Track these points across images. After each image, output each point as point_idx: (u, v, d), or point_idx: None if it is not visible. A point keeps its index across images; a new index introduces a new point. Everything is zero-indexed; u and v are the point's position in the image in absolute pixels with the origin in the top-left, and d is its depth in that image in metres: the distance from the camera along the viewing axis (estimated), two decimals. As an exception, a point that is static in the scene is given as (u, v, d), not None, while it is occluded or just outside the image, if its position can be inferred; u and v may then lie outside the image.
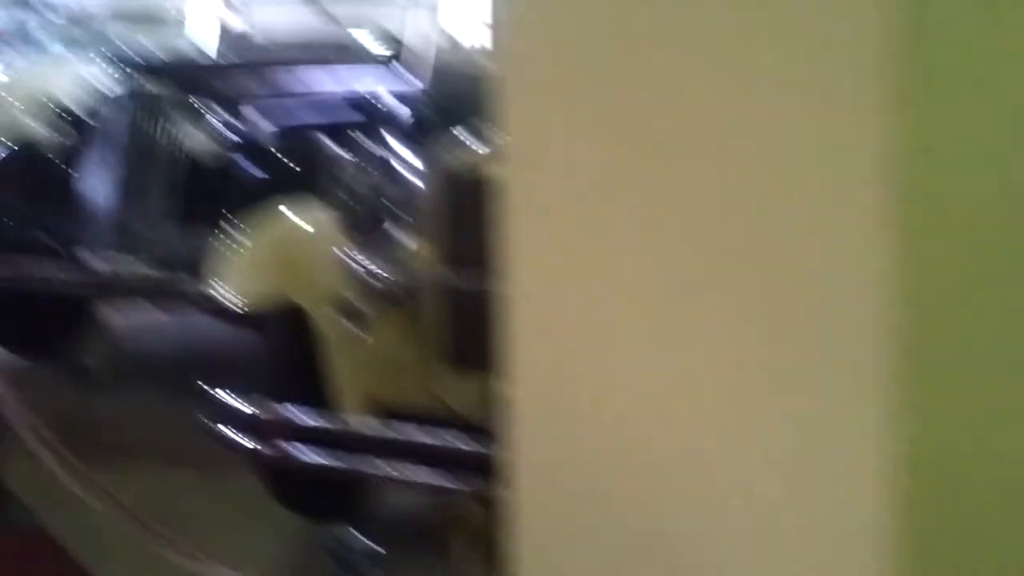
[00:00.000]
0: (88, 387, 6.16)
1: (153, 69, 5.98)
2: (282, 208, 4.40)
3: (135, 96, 5.79)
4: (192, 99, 5.76)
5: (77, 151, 6.08)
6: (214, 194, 5.68)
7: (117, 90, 5.87)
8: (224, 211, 5.52)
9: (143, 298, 5.97)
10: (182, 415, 5.60)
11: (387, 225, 4.07)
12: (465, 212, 3.95)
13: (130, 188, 5.76)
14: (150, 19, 9.65)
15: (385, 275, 4.04)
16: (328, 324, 4.00)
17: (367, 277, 4.05)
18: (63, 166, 6.11)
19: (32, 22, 9.78)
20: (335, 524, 4.11)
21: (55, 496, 4.43)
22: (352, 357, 4.02)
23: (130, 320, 6.75)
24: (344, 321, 3.98)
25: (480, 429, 3.84)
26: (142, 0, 11.52)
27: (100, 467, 4.46)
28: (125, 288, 5.67)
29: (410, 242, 4.07)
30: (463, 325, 4.01)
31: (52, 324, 6.40)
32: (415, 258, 4.14)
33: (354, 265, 4.06)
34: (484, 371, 4.00)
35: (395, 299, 4.09)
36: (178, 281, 5.50)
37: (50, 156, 6.11)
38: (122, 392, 6.15)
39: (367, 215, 4.09)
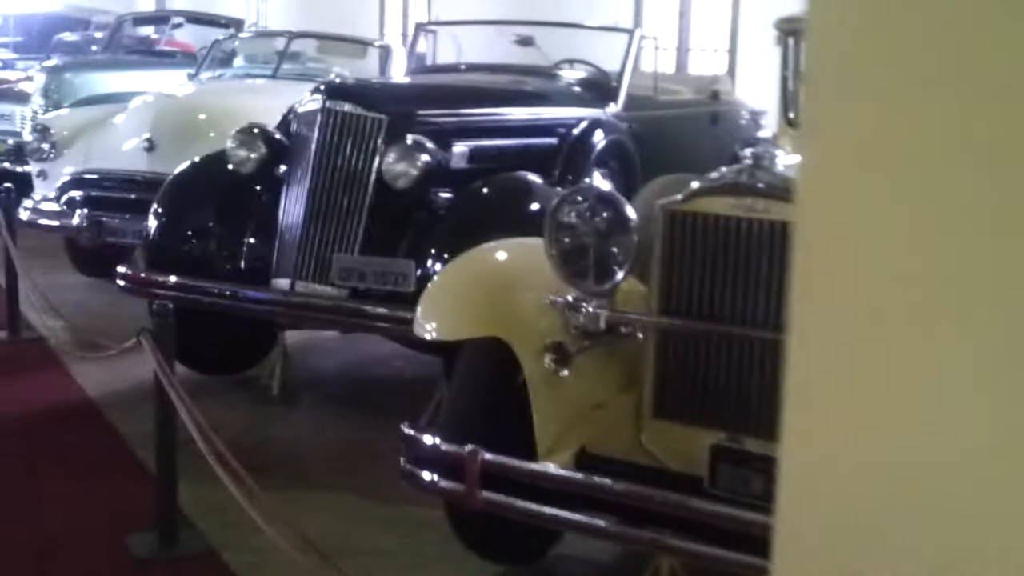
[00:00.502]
0: (267, 406, 6.03)
1: (347, 90, 5.83)
2: (494, 242, 4.20)
3: (329, 116, 5.64)
4: (389, 121, 5.59)
5: (270, 171, 5.96)
6: (411, 222, 5.52)
7: (313, 110, 5.72)
8: (422, 240, 5.36)
9: (333, 325, 5.80)
10: (364, 439, 5.55)
11: (600, 262, 3.82)
12: (685, 252, 3.74)
13: (320, 210, 5.61)
14: (346, 44, 9.71)
15: (595, 314, 3.81)
16: (532, 362, 3.77)
17: (577, 315, 3.82)
18: (255, 185, 5.98)
19: (219, 40, 9.91)
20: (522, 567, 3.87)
21: (231, 521, 4.29)
22: (555, 398, 3.79)
23: (305, 338, 6.64)
24: (549, 360, 3.75)
25: (685, 482, 3.63)
26: (338, 23, 11.67)
27: (279, 492, 4.31)
28: (317, 314, 5.50)
29: (624, 281, 3.83)
30: (676, 372, 3.79)
31: (235, 343, 6.30)
32: (629, 299, 3.91)
33: (564, 303, 3.83)
34: (694, 421, 3.82)
35: (605, 341, 3.86)
36: (369, 307, 5.34)
37: (242, 173, 5.97)
38: (301, 413, 6.03)
39: (579, 252, 3.85)
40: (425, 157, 5.55)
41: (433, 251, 5.36)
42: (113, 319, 7.01)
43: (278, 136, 6.01)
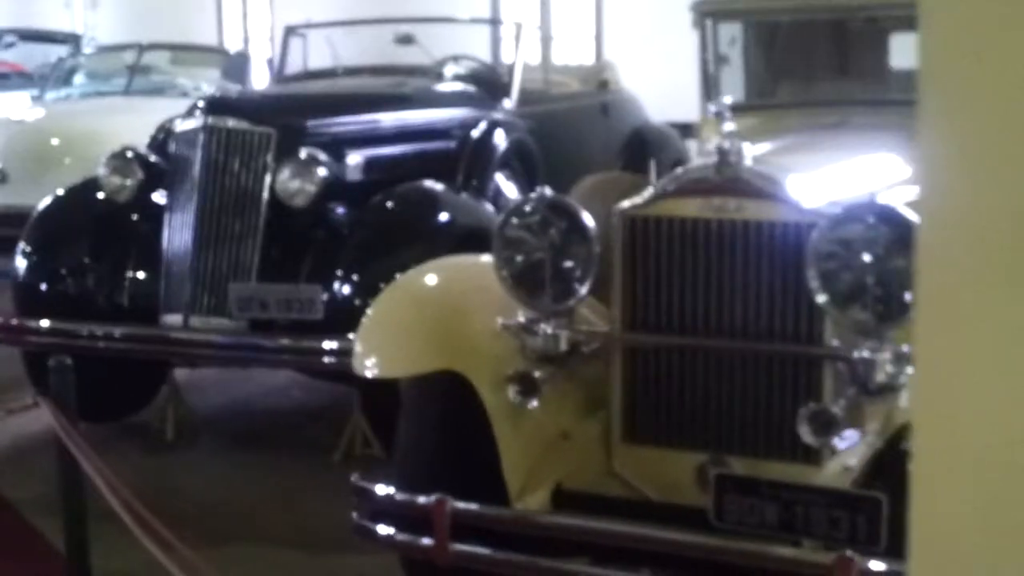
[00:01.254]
0: (165, 453, 5.53)
1: (230, 104, 5.37)
2: (431, 262, 3.81)
3: (212, 133, 5.17)
4: (278, 135, 5.14)
5: (147, 197, 5.46)
6: (311, 242, 5.09)
7: (194, 128, 5.24)
8: (326, 262, 4.94)
9: (236, 362, 5.34)
10: (278, 482, 5.11)
11: (557, 278, 3.46)
12: (650, 261, 3.41)
13: (210, 236, 5.14)
14: (200, 53, 9.16)
15: (555, 335, 3.45)
16: (493, 395, 3.40)
17: (534, 338, 3.46)
18: (132, 214, 5.47)
19: (63, 57, 9.27)
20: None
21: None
22: (521, 433, 3.43)
23: (197, 376, 6.13)
24: (514, 392, 3.37)
25: (674, 513, 3.31)
26: (175, 32, 11.05)
27: (192, 543, 3.86)
28: (217, 351, 5.03)
29: (585, 297, 3.48)
30: (647, 391, 3.45)
31: (118, 385, 5.76)
32: (592, 317, 3.56)
33: (519, 325, 3.46)
34: (670, 444, 3.50)
35: (570, 365, 3.51)
36: (277, 341, 4.90)
37: (117, 202, 5.46)
38: (204, 457, 5.54)
39: (533, 269, 3.48)
40: (322, 171, 5.13)
41: (341, 273, 4.95)
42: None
43: (153, 159, 5.50)
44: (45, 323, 5.25)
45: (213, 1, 14.75)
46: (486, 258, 3.76)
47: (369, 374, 3.54)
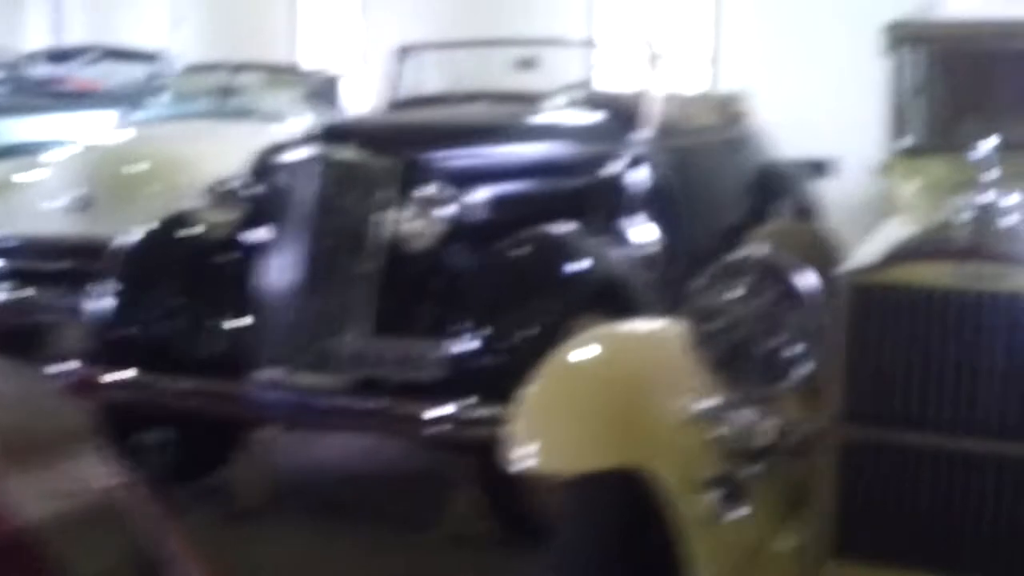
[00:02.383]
0: (248, 523, 4.91)
1: (348, 132, 4.77)
2: (601, 329, 3.18)
3: (328, 165, 4.58)
4: (406, 170, 4.55)
5: (244, 232, 4.88)
6: (429, 291, 4.47)
7: (307, 158, 4.65)
8: (447, 314, 4.33)
9: (348, 428, 4.73)
10: (382, 562, 4.48)
11: (769, 356, 2.81)
12: (884, 337, 2.75)
13: (319, 281, 4.55)
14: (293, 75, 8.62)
15: (765, 430, 2.80)
16: (686, 501, 2.75)
17: (740, 434, 2.80)
18: (228, 253, 4.89)
19: (153, 75, 8.75)
20: None
21: None
22: (715, 546, 2.77)
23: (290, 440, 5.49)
24: (713, 497, 2.73)
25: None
26: (255, 51, 10.52)
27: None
28: (331, 418, 4.43)
29: (797, 382, 2.81)
30: (870, 496, 2.78)
31: (193, 441, 5.15)
32: (804, 405, 2.90)
33: (722, 417, 2.81)
34: (898, 563, 2.85)
35: (778, 465, 2.85)
36: (406, 408, 4.28)
37: (210, 239, 4.88)
38: (294, 530, 4.90)
39: (737, 344, 2.83)
40: (449, 210, 4.52)
41: (463, 328, 4.33)
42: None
43: (254, 191, 4.92)
44: (130, 373, 4.67)
45: (291, 22, 14.21)
46: (662, 324, 3.14)
47: (528, 467, 2.90)
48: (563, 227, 4.71)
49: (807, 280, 2.79)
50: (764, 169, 6.89)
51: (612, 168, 5.29)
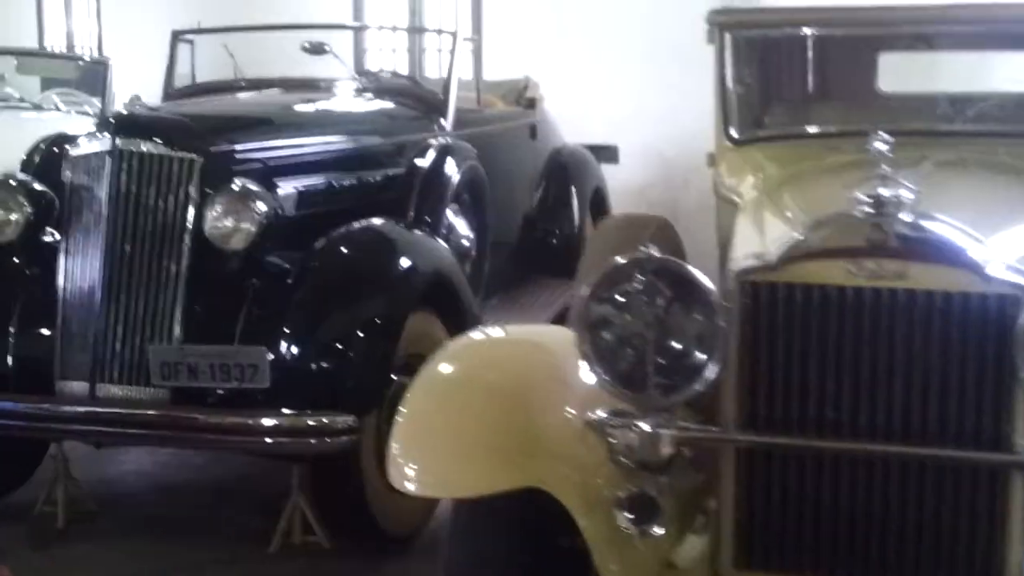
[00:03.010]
0: (56, 546, 4.50)
1: (142, 124, 4.40)
2: (479, 334, 2.98)
3: (122, 159, 4.22)
4: (209, 164, 4.22)
5: (34, 236, 4.47)
6: (246, 293, 4.18)
7: (98, 152, 4.27)
8: (269, 317, 4.06)
9: (163, 442, 4.39)
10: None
11: (669, 364, 2.67)
12: (778, 339, 2.65)
13: (121, 285, 4.20)
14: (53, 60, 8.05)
15: (664, 441, 2.66)
16: (590, 518, 2.60)
17: (640, 446, 2.66)
18: (15, 257, 4.47)
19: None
20: None
21: None
22: (628, 565, 2.63)
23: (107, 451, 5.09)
24: (624, 518, 2.58)
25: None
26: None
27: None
28: (138, 430, 4.08)
29: (699, 389, 2.68)
30: (770, 506, 2.70)
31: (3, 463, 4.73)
32: (707, 412, 2.78)
33: (620, 429, 2.66)
34: (801, 573, 2.76)
35: (672, 474, 2.72)
36: (217, 418, 3.99)
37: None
38: (107, 551, 4.52)
39: (626, 351, 2.68)
40: (261, 207, 4.23)
41: (289, 331, 4.06)
42: None
43: (39, 187, 4.50)
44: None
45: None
46: (546, 331, 2.98)
47: (415, 490, 2.69)
48: (384, 222, 4.48)
49: (703, 280, 2.66)
50: (561, 155, 6.80)
51: (424, 158, 5.08)
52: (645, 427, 2.66)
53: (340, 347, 4.05)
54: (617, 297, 2.67)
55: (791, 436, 2.67)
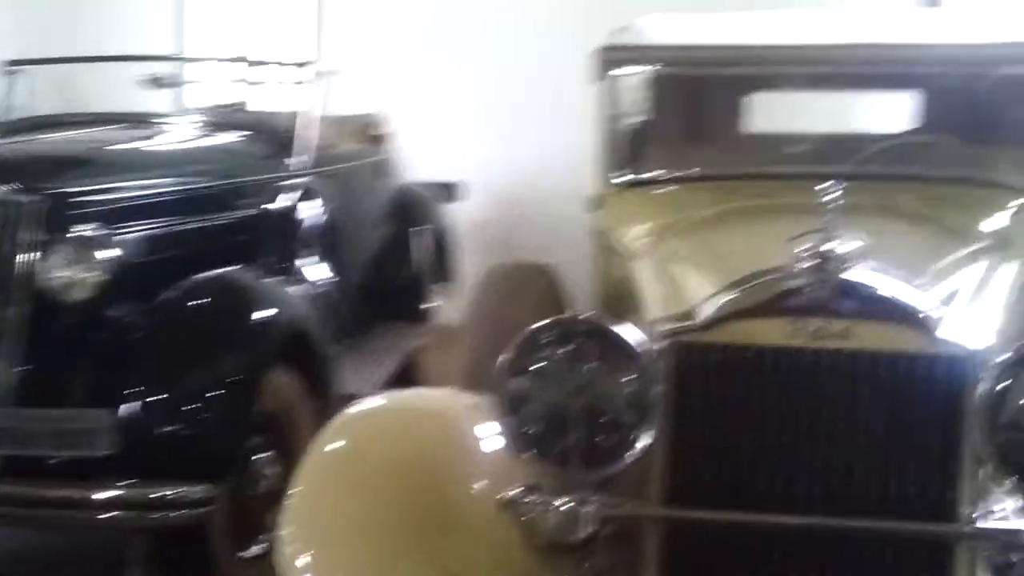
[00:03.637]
0: None
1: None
2: (380, 399, 2.69)
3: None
4: (51, 208, 3.83)
5: None
6: (88, 349, 3.79)
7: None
8: (112, 377, 3.69)
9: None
10: None
11: (584, 434, 2.41)
12: (713, 406, 2.42)
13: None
14: None
15: (586, 519, 2.41)
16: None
17: (559, 526, 2.40)
18: None
19: None
20: None
21: None
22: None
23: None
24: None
25: None
26: None
27: None
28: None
29: (629, 460, 2.43)
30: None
31: None
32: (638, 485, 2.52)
33: (538, 507, 2.39)
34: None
35: (604, 555, 2.46)
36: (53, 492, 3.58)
37: None
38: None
39: (548, 420, 2.41)
40: (105, 254, 3.84)
41: (136, 392, 3.68)
42: None
43: None
44: None
45: None
46: (454, 398, 2.70)
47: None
48: (240, 270, 4.13)
49: (636, 342, 2.41)
50: (403, 194, 6.51)
51: (280, 200, 4.72)
52: (566, 505, 2.40)
53: (191, 409, 3.69)
54: (538, 365, 2.41)
55: (725, 510, 2.43)
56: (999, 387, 2.29)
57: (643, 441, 2.38)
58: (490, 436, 2.58)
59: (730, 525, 2.43)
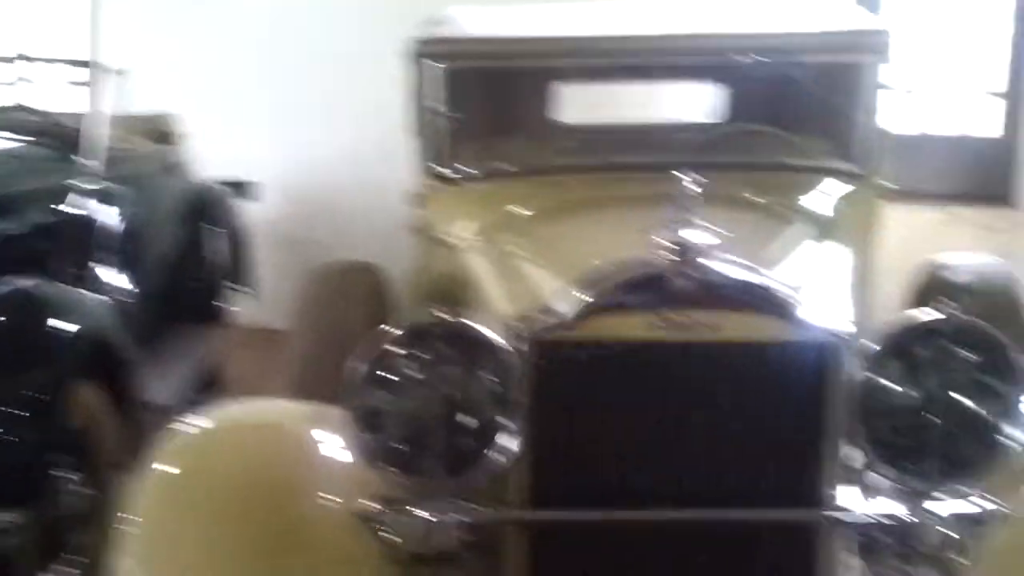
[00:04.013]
0: None
1: None
2: (222, 411, 2.50)
3: None
4: None
5: None
6: None
7: None
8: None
9: None
10: None
11: (445, 441, 2.29)
12: (574, 405, 2.33)
13: None
14: None
15: (446, 530, 2.30)
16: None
17: (430, 537, 2.28)
18: None
19: None
20: None
21: None
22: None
23: None
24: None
25: None
26: None
27: None
28: None
29: (492, 466, 2.33)
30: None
31: None
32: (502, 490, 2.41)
33: (394, 519, 2.27)
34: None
35: (467, 566, 2.35)
36: None
37: None
38: None
39: (406, 429, 2.29)
40: None
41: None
42: None
43: None
44: None
45: None
46: (301, 409, 2.55)
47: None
48: (33, 280, 3.84)
49: (501, 343, 2.30)
50: (198, 194, 6.23)
51: (71, 204, 4.42)
52: (426, 515, 2.28)
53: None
54: (398, 371, 2.27)
55: (593, 511, 2.35)
56: (871, 376, 2.27)
57: (508, 443, 2.27)
58: (335, 446, 2.44)
59: (598, 525, 2.35)
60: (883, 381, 2.28)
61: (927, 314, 2.30)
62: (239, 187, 6.66)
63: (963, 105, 6.30)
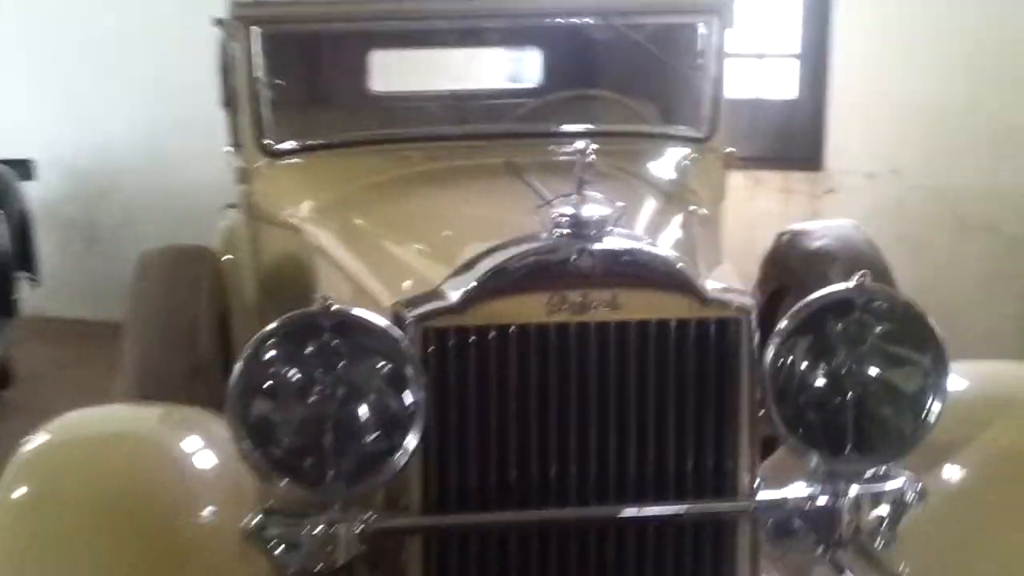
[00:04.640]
0: None
1: None
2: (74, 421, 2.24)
3: None
4: None
5: None
6: None
7: None
8: None
9: None
10: None
11: (339, 445, 2.09)
12: (469, 397, 2.18)
13: None
14: None
15: (340, 542, 2.10)
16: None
17: (324, 552, 2.08)
18: None
19: None
20: None
21: None
22: None
23: None
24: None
25: None
26: None
27: None
28: None
29: (394, 469, 2.13)
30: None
31: None
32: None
33: (281, 533, 2.06)
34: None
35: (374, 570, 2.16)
36: None
37: None
38: None
39: (296, 433, 2.07)
40: None
41: None
42: None
43: None
44: None
45: None
46: (130, 410, 2.31)
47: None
48: None
49: (394, 330, 2.10)
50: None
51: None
52: (320, 527, 2.08)
53: None
54: (282, 375, 2.05)
55: (494, 510, 2.18)
56: (782, 356, 2.16)
57: (410, 441, 2.08)
58: (203, 451, 2.21)
59: (500, 525, 2.19)
60: (792, 358, 2.18)
61: (837, 287, 2.21)
62: (18, 165, 6.24)
63: (762, 69, 6.33)
